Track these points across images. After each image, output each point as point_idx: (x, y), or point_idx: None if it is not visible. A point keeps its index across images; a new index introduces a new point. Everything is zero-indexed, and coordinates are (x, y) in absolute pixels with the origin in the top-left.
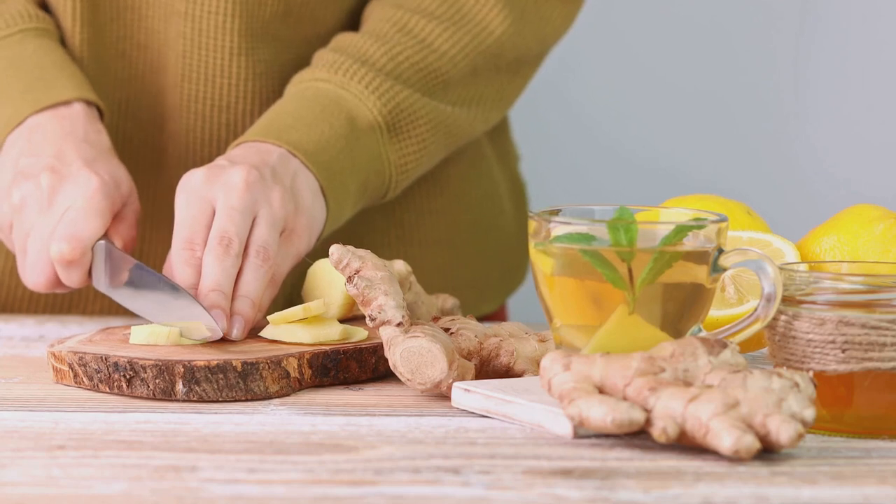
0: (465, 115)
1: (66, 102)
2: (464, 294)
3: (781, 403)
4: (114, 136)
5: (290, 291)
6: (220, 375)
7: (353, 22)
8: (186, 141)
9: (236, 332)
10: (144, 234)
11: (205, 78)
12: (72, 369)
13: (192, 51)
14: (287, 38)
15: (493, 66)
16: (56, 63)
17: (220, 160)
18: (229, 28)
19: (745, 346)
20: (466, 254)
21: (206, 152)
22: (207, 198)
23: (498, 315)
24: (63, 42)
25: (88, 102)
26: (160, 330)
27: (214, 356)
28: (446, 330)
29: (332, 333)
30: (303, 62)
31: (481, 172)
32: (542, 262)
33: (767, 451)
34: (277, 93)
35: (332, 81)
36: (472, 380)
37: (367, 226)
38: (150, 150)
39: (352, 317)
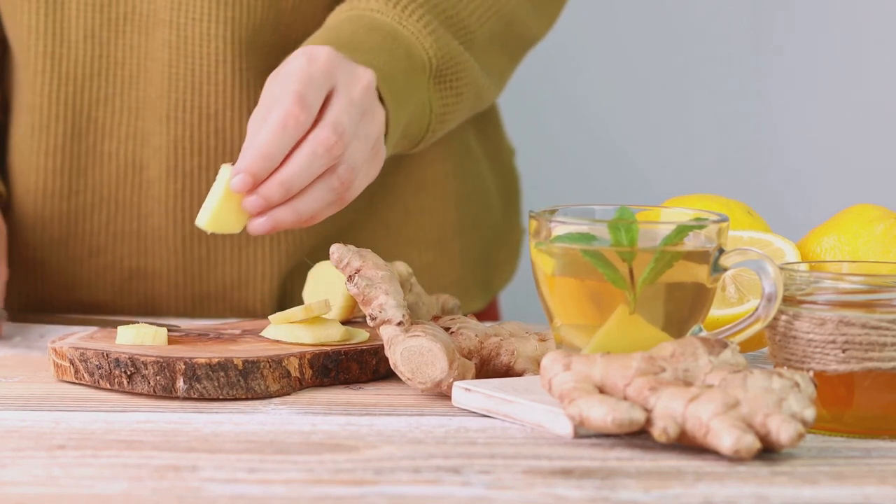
0: (486, 82)
1: None
2: (450, 292)
3: (782, 403)
4: (95, 156)
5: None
6: (221, 373)
7: None
8: (175, 152)
9: (260, 228)
10: (131, 257)
11: (192, 86)
12: (73, 365)
13: (177, 59)
14: (279, 45)
15: (503, 38)
16: None
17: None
18: (214, 34)
19: (746, 346)
20: (452, 252)
21: (195, 162)
22: (331, 73)
23: (489, 312)
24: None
25: None
26: (146, 330)
27: (216, 354)
28: (447, 329)
29: (333, 334)
30: None
31: (468, 170)
32: (542, 261)
33: (768, 451)
34: None
35: (388, 15)
36: (472, 379)
37: (352, 225)
38: (133, 168)
39: (352, 319)
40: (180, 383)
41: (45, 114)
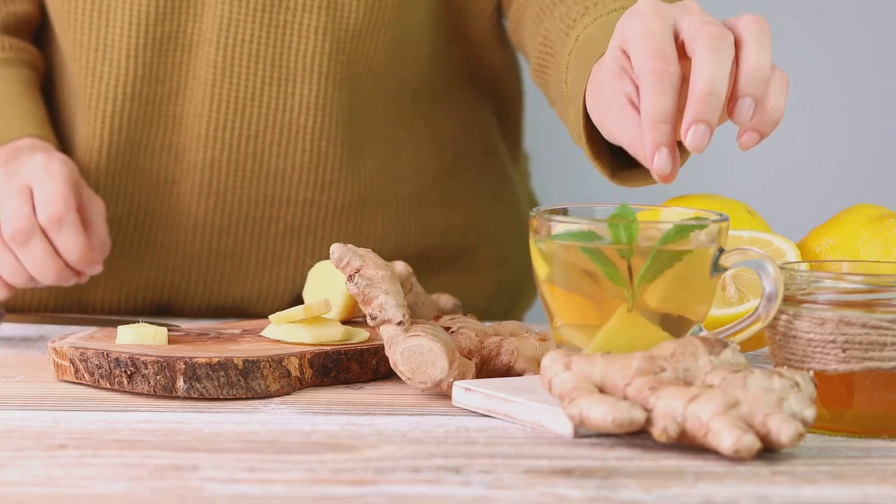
0: None
1: (13, 140)
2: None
3: (782, 403)
4: (129, 170)
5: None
6: (222, 373)
7: (400, 55)
8: (210, 169)
9: (749, 143)
10: (151, 267)
11: (234, 107)
12: (73, 364)
13: (221, 79)
14: (327, 73)
15: None
16: (11, 99)
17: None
18: (263, 57)
19: (746, 346)
20: (484, 285)
21: (230, 182)
22: (666, 15)
23: None
24: (39, 67)
25: (35, 136)
26: (146, 330)
27: (216, 353)
28: (447, 329)
29: (333, 334)
30: (344, 97)
31: (505, 204)
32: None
33: (768, 451)
34: (306, 125)
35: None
36: (472, 379)
37: (400, 256)
38: (165, 181)
39: (352, 319)
40: (180, 383)
41: (87, 128)
